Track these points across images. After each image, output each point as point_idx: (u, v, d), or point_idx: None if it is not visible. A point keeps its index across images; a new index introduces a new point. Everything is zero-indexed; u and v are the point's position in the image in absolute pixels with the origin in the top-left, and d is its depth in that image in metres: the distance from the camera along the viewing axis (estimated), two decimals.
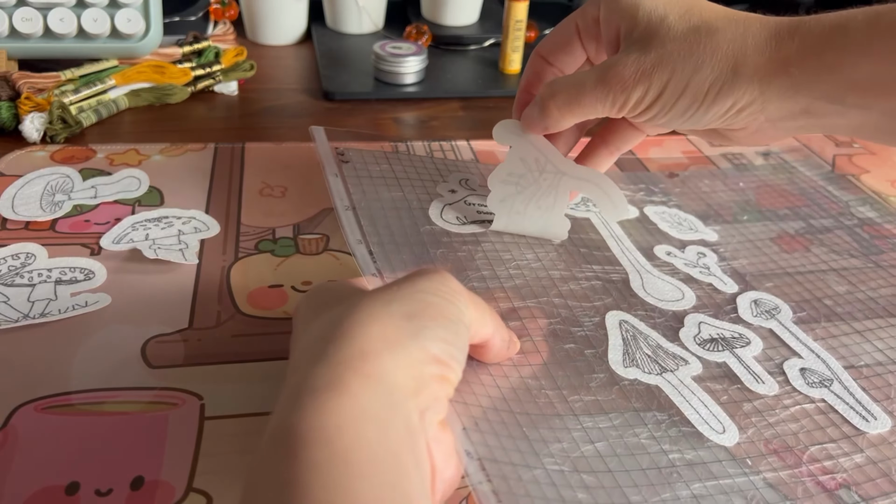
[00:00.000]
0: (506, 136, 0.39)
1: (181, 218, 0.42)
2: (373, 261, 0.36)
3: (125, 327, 0.34)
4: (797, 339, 0.36)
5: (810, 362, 0.35)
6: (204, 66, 0.58)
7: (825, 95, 0.30)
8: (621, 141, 0.40)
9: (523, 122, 0.38)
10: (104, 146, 0.49)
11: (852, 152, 0.57)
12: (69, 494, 0.26)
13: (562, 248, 0.41)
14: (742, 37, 0.31)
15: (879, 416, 0.32)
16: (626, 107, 0.33)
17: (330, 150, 0.45)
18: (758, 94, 0.31)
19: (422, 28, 0.67)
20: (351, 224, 0.39)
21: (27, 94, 0.50)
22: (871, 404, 0.33)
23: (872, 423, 0.32)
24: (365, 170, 0.45)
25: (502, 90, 0.62)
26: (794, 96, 0.31)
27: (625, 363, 0.33)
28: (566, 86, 0.35)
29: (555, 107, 0.35)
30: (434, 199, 0.43)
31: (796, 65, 0.30)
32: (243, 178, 0.46)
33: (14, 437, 0.28)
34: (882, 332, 0.37)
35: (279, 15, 0.68)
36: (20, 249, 0.38)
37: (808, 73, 0.30)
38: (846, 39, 0.29)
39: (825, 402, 0.33)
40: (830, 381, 0.34)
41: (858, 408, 0.33)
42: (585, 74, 0.34)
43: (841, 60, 0.29)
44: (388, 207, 0.42)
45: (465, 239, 0.40)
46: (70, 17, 0.53)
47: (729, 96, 0.31)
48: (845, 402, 0.33)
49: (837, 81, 0.30)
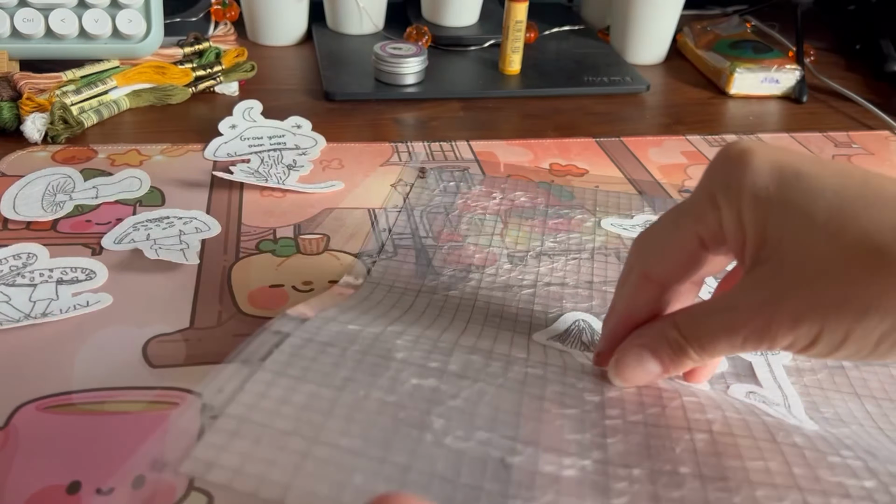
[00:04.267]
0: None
1: (182, 218, 0.42)
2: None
3: (126, 327, 0.34)
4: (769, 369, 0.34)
5: (766, 392, 0.32)
6: (205, 67, 0.58)
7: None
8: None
9: (623, 371, 0.27)
10: (105, 146, 0.49)
11: (852, 153, 0.57)
12: (70, 494, 0.26)
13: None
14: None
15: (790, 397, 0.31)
16: (774, 349, 0.25)
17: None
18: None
19: (422, 29, 0.68)
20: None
21: (28, 95, 0.50)
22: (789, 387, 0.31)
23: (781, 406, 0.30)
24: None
25: (502, 91, 0.62)
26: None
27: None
28: (717, 328, 0.25)
29: (709, 348, 0.26)
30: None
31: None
32: None
33: (15, 436, 0.28)
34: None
35: (280, 15, 0.68)
36: (21, 249, 0.38)
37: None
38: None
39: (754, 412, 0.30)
40: (777, 404, 0.31)
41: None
42: (710, 318, 0.25)
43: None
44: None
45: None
46: (71, 18, 0.53)
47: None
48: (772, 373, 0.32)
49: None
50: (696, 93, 0.66)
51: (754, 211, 0.24)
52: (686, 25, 0.75)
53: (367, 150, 0.51)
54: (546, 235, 0.43)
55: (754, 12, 0.83)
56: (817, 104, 0.65)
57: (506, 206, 0.45)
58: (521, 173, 0.50)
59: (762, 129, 0.60)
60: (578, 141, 0.55)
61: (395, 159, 0.50)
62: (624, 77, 0.65)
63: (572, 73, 0.65)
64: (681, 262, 0.27)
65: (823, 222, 0.22)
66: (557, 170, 0.51)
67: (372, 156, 0.51)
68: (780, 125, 0.61)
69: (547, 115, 0.59)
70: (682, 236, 0.26)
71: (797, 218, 0.23)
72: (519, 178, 0.49)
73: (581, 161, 0.52)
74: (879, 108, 0.63)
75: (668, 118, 0.61)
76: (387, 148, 0.52)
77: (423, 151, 0.51)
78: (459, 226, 0.43)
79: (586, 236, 0.43)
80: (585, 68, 0.66)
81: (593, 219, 0.45)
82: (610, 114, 0.61)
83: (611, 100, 0.63)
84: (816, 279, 0.22)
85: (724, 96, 0.65)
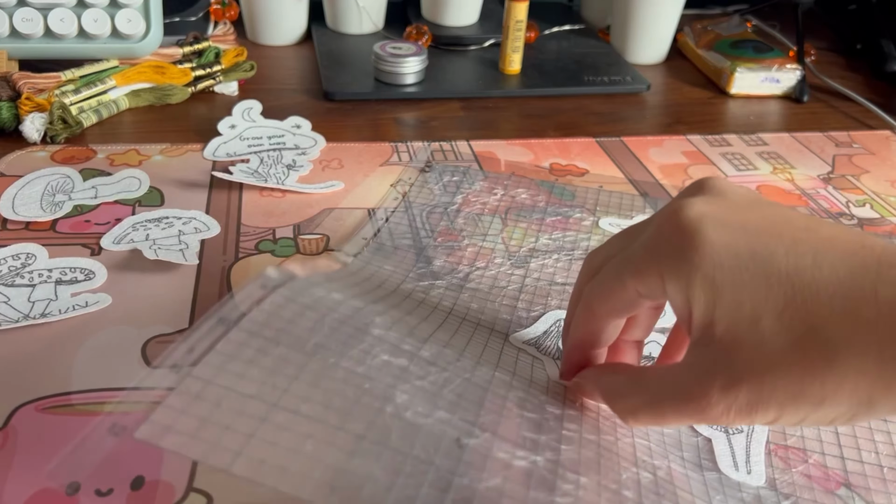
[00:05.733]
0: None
1: (181, 218, 0.42)
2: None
3: (125, 327, 0.34)
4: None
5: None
6: (204, 67, 0.58)
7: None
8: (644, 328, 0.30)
9: (579, 392, 0.30)
10: (104, 146, 0.49)
11: (852, 152, 0.57)
12: (69, 495, 0.26)
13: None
14: (877, 361, 0.21)
15: (755, 472, 0.29)
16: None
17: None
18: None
19: (422, 28, 0.67)
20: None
21: (28, 95, 0.50)
22: (757, 463, 0.30)
23: (741, 475, 0.29)
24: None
25: (502, 90, 0.62)
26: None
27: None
28: (642, 403, 0.26)
29: (631, 419, 0.26)
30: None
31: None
32: None
33: (14, 437, 0.28)
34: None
35: (279, 15, 0.68)
36: (21, 250, 0.38)
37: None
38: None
39: (708, 443, 0.30)
40: (739, 431, 0.31)
41: (741, 458, 0.30)
42: (663, 393, 0.25)
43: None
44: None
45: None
46: (70, 18, 0.53)
47: (863, 420, 0.24)
48: (731, 450, 0.30)
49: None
50: (696, 92, 0.66)
51: (703, 292, 0.23)
52: (687, 25, 0.75)
53: (366, 150, 0.51)
54: (542, 233, 0.43)
55: (755, 12, 0.83)
56: (818, 104, 0.65)
57: (506, 202, 0.45)
58: (522, 172, 0.49)
59: (763, 128, 0.60)
60: (579, 141, 0.55)
61: (394, 159, 0.50)
62: (624, 77, 0.65)
63: (572, 72, 0.65)
64: (621, 310, 0.27)
65: (777, 314, 0.22)
66: (558, 170, 0.51)
67: (372, 156, 0.51)
68: (781, 125, 0.61)
69: (547, 114, 0.59)
70: (624, 291, 0.26)
71: (750, 307, 0.22)
72: (522, 176, 0.49)
73: (581, 161, 0.52)
74: (880, 107, 0.63)
75: (669, 118, 0.61)
76: (387, 148, 0.52)
77: (423, 151, 0.51)
78: (457, 220, 0.43)
79: (582, 235, 0.43)
80: (585, 68, 0.66)
81: (592, 218, 0.45)
82: (610, 113, 0.61)
83: (611, 99, 0.63)
84: (772, 370, 0.22)
85: (725, 96, 0.65)
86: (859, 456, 0.30)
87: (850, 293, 0.21)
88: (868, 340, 0.21)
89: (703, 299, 0.23)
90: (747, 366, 0.22)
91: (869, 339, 0.21)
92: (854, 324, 0.21)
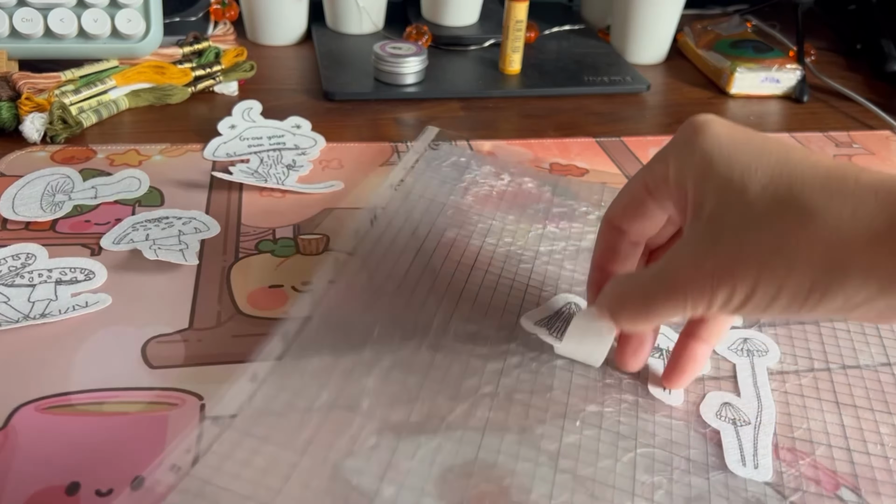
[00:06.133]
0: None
1: (181, 218, 0.42)
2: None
3: (125, 327, 0.34)
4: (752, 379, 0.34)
5: (741, 403, 0.32)
6: (204, 67, 0.58)
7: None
8: (714, 330, 0.32)
9: (602, 312, 0.30)
10: (104, 146, 0.49)
11: (852, 152, 0.57)
12: (69, 495, 0.26)
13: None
14: (850, 220, 0.23)
15: (762, 466, 0.29)
16: (712, 310, 0.26)
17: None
18: (876, 292, 0.23)
19: (422, 28, 0.67)
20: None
21: (27, 95, 0.50)
22: (765, 456, 0.30)
23: (748, 471, 0.29)
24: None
25: (502, 91, 0.62)
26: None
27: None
28: (633, 297, 0.28)
29: (627, 320, 0.29)
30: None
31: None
32: None
33: (14, 437, 0.28)
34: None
35: (279, 15, 0.68)
36: (20, 250, 0.38)
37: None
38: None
39: (717, 435, 0.30)
40: (747, 423, 0.31)
41: (749, 452, 0.30)
42: (652, 279, 0.27)
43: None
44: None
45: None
46: (70, 18, 0.53)
47: (837, 296, 0.24)
48: (739, 442, 0.30)
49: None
50: (696, 92, 0.66)
51: (699, 167, 0.26)
52: (686, 25, 0.75)
53: (366, 150, 0.51)
54: (549, 222, 0.43)
55: (755, 12, 0.83)
56: (818, 104, 0.65)
57: (514, 188, 0.46)
58: (523, 171, 0.49)
59: (763, 128, 0.60)
60: (579, 141, 0.55)
61: (394, 159, 0.50)
62: (624, 77, 0.65)
63: (572, 72, 0.65)
64: (629, 207, 0.30)
65: (763, 186, 0.24)
66: (558, 169, 0.51)
67: (372, 156, 0.51)
68: (781, 125, 0.61)
69: (547, 114, 0.59)
70: (633, 183, 0.30)
71: (739, 178, 0.25)
72: (529, 166, 0.49)
73: (581, 161, 0.52)
74: (880, 107, 0.63)
75: (669, 118, 0.61)
76: (386, 148, 0.52)
77: (429, 132, 0.51)
78: (466, 197, 0.44)
79: (588, 227, 0.43)
80: (585, 68, 0.66)
81: (597, 212, 0.45)
82: (610, 113, 0.61)
83: (611, 99, 0.63)
84: (753, 226, 0.24)
85: (725, 96, 0.65)
86: (865, 448, 0.30)
87: (834, 174, 0.24)
88: (844, 204, 0.23)
89: (699, 174, 0.26)
90: (733, 227, 0.25)
91: (844, 204, 0.23)
92: (832, 194, 0.23)
